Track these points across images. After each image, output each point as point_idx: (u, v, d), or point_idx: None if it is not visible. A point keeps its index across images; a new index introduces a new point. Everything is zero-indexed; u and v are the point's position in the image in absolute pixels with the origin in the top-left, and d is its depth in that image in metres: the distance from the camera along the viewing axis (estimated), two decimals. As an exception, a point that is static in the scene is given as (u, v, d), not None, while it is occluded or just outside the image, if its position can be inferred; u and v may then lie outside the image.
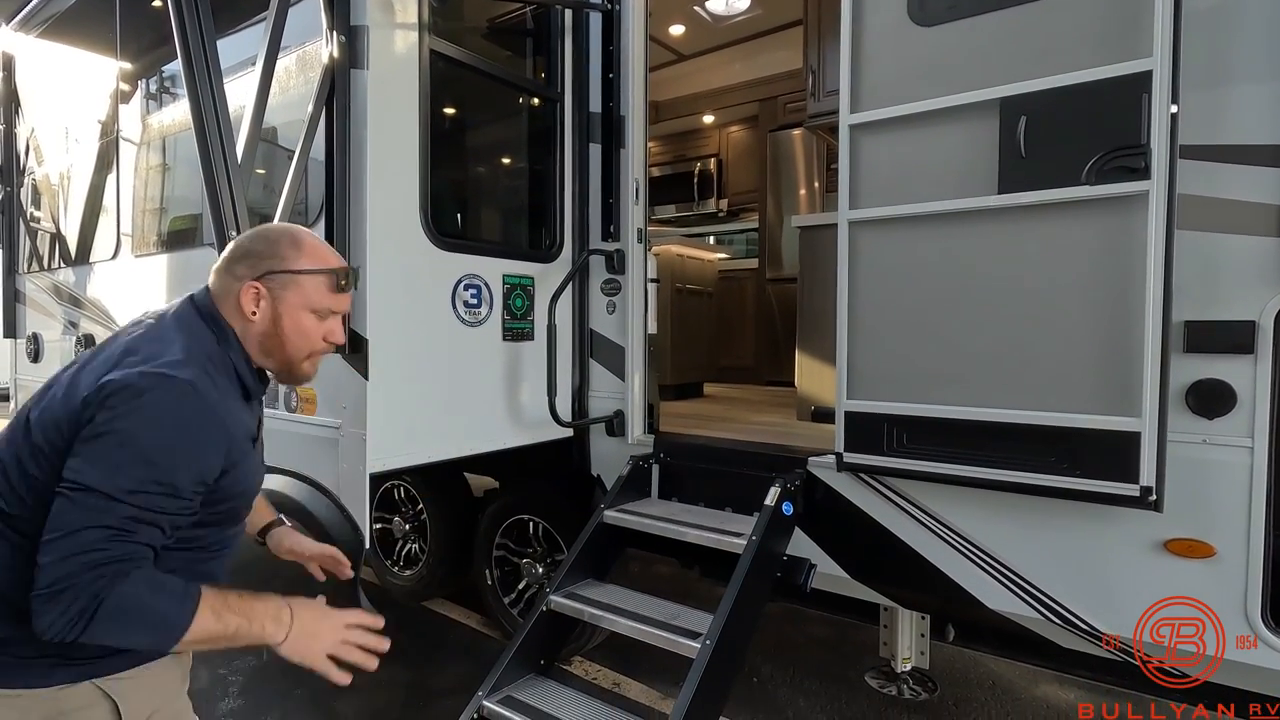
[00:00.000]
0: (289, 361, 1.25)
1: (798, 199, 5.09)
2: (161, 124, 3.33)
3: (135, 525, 1.00)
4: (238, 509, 1.23)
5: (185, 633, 1.01)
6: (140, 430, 1.02)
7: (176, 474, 1.04)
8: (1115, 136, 1.67)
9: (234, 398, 1.18)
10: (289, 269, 1.20)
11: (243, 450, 1.17)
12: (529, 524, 3.09)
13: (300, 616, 1.13)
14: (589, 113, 2.87)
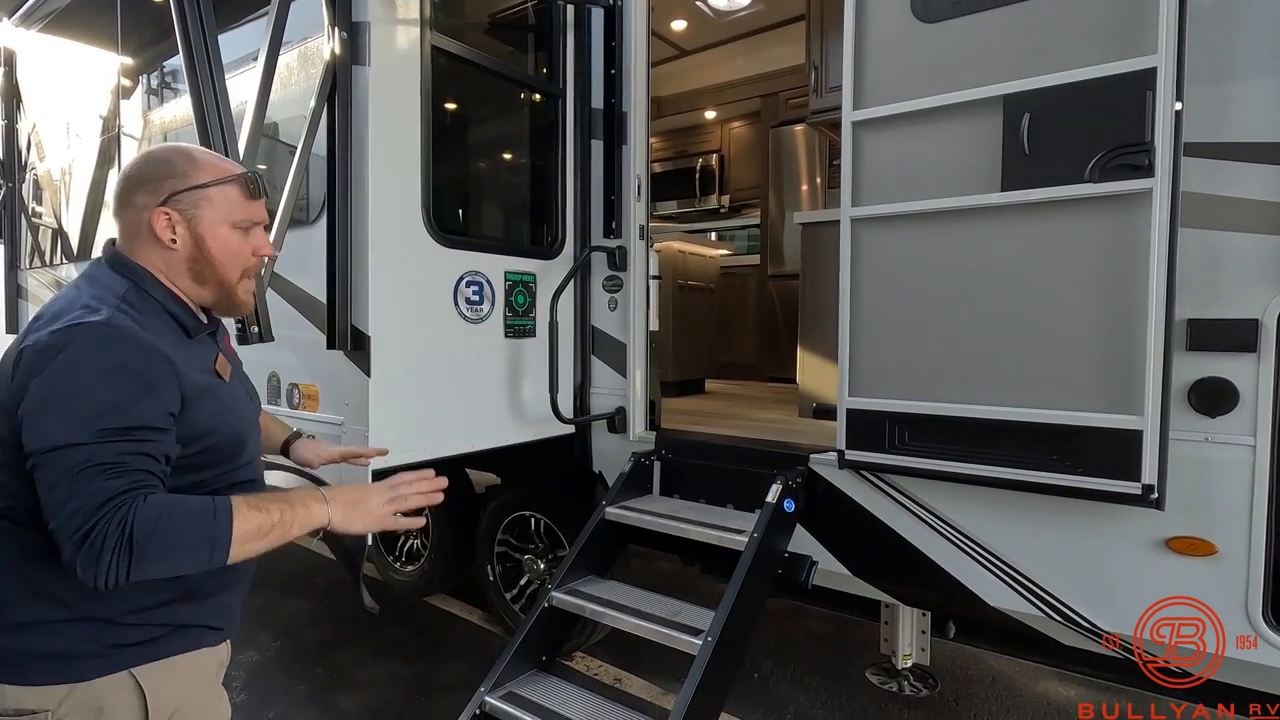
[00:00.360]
0: (224, 284, 1.17)
1: (800, 195, 5.08)
2: (163, 119, 3.33)
3: (123, 458, 0.96)
4: (221, 449, 1.15)
5: (231, 532, 0.97)
6: (76, 382, 0.97)
7: (135, 409, 0.98)
8: (1119, 134, 1.67)
9: (171, 336, 1.10)
10: (194, 184, 1.12)
11: (202, 382, 1.11)
12: (531, 520, 3.10)
13: (339, 494, 1.12)
14: (591, 108, 2.86)
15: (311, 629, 3.30)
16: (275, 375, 2.59)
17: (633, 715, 1.94)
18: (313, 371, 2.46)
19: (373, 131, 2.19)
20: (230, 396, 1.20)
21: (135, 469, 0.96)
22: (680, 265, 4.37)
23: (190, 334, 1.15)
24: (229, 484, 1.17)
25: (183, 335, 1.14)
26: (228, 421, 1.16)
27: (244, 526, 0.99)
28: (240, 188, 1.16)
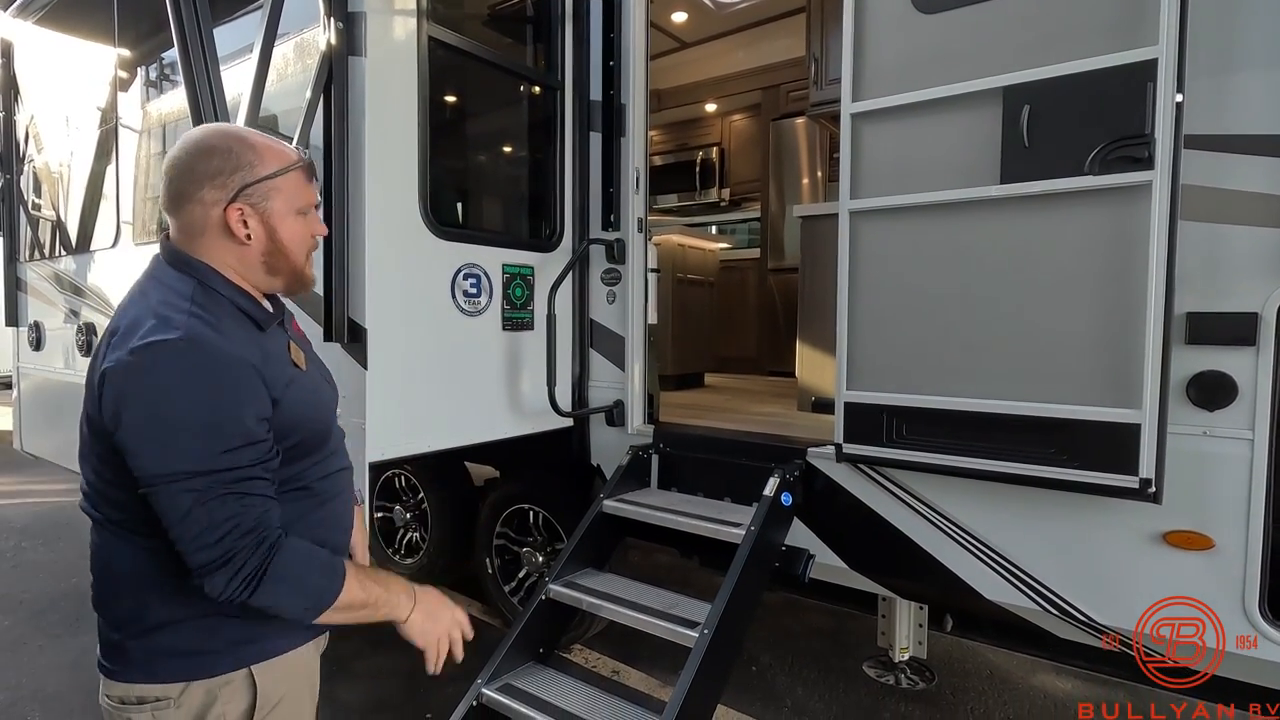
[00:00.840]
0: (295, 270, 1.16)
1: (800, 188, 5.07)
2: (160, 111, 3.32)
3: (241, 480, 0.99)
4: (309, 441, 1.16)
5: (335, 599, 1.04)
6: (171, 408, 0.97)
7: (235, 425, 1.00)
8: (1119, 126, 1.66)
9: (243, 332, 1.09)
10: (263, 175, 1.09)
11: (284, 378, 1.11)
12: (529, 513, 3.10)
13: (426, 598, 1.18)
14: (589, 101, 2.85)
15: (311, 621, 3.31)
16: (273, 368, 2.59)
17: (630, 707, 1.94)
18: (310, 364, 2.46)
19: (369, 123, 2.18)
20: (311, 386, 1.20)
21: (257, 493, 1.01)
22: (680, 259, 4.36)
23: (262, 327, 1.13)
24: (321, 475, 1.19)
25: (255, 329, 1.12)
26: (312, 412, 1.17)
27: (344, 600, 1.06)
28: (304, 173, 1.15)
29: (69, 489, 5.57)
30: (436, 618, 1.18)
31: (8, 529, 4.74)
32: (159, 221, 3.30)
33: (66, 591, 3.72)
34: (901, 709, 2.69)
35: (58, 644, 3.13)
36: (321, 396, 1.24)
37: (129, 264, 3.41)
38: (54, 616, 3.41)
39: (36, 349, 4.26)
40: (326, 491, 1.21)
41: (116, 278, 3.52)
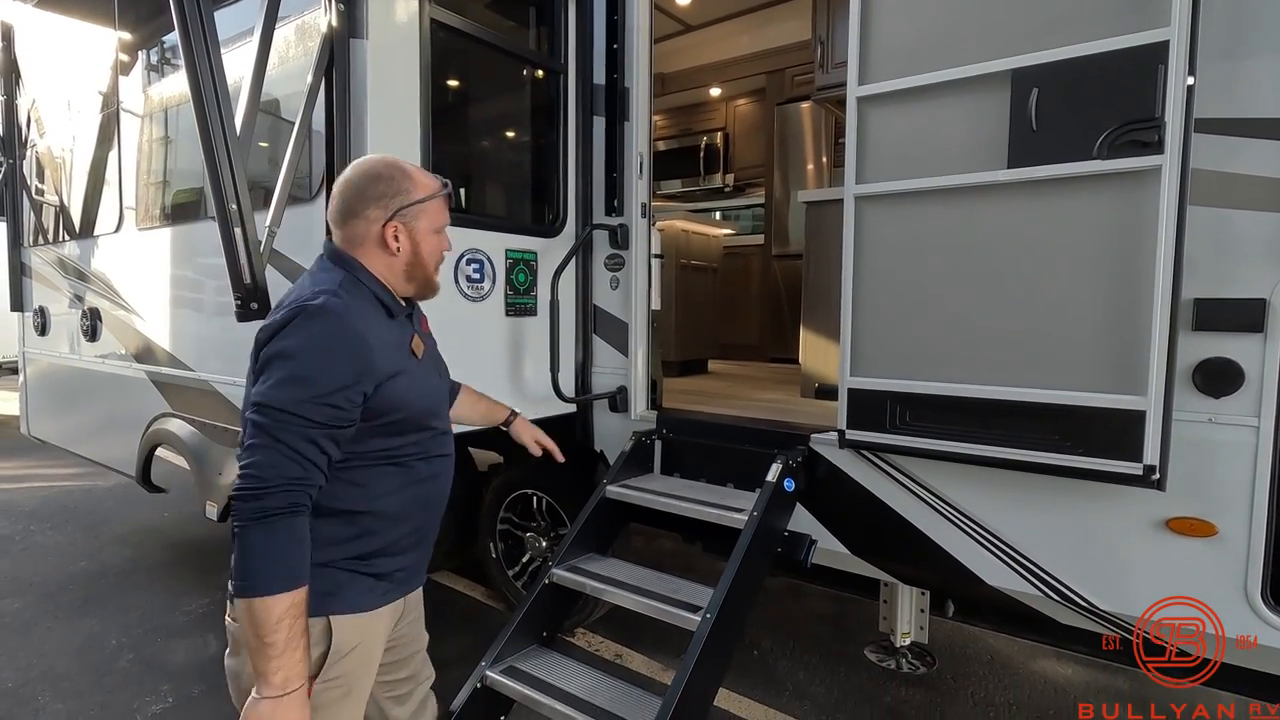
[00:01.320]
0: (428, 279, 1.41)
1: (805, 174, 5.03)
2: (162, 96, 3.30)
3: (299, 440, 1.16)
4: (410, 422, 1.34)
5: (254, 597, 1.11)
6: (290, 354, 1.19)
7: (327, 383, 1.18)
8: (1129, 109, 1.64)
9: (376, 316, 1.31)
10: (415, 200, 1.34)
11: (398, 362, 1.31)
12: (532, 499, 3.12)
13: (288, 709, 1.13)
14: (593, 84, 2.82)
15: (316, 604, 3.34)
16: (277, 353, 2.59)
17: (632, 689, 1.96)
18: (314, 349, 2.46)
19: (371, 106, 2.17)
20: (421, 375, 1.39)
21: (306, 455, 1.17)
22: (683, 245, 4.34)
23: (392, 315, 1.35)
24: (420, 455, 1.37)
25: (386, 316, 1.34)
26: (417, 399, 1.35)
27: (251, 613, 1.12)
28: (445, 201, 1.41)
29: (76, 473, 5.62)
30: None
31: (16, 513, 4.79)
32: (162, 206, 3.29)
33: (75, 575, 3.76)
34: (902, 693, 2.70)
35: (67, 626, 3.17)
36: (431, 386, 1.43)
37: (132, 249, 3.41)
38: (63, 599, 3.45)
39: (42, 334, 4.27)
40: (422, 471, 1.38)
41: (120, 263, 3.52)
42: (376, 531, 1.32)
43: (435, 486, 1.43)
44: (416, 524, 1.40)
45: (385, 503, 1.31)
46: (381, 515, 1.32)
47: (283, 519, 1.14)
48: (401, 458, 1.34)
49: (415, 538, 1.41)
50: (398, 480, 1.34)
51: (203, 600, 3.44)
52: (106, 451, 3.86)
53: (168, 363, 3.18)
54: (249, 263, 2.00)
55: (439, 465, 1.44)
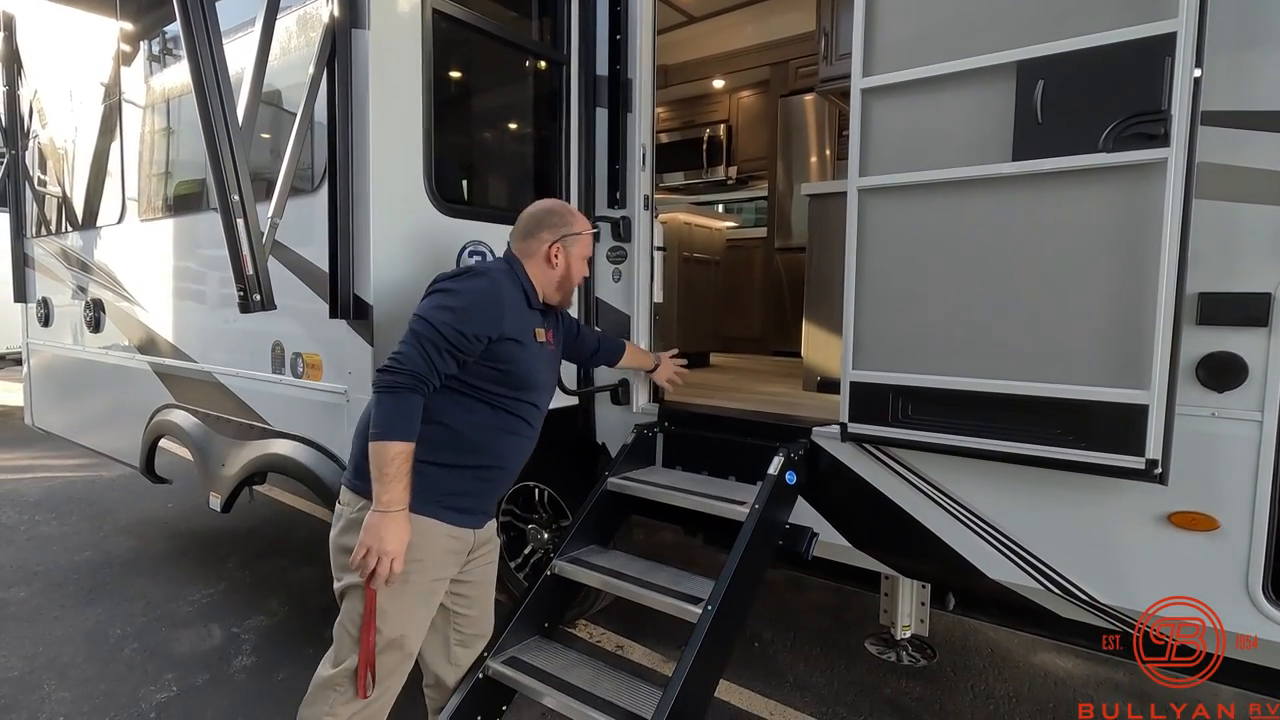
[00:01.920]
0: (568, 292, 1.95)
1: (808, 167, 5.01)
2: (164, 87, 3.30)
3: (433, 349, 1.61)
4: (512, 377, 1.75)
5: (380, 443, 1.56)
6: (453, 291, 1.71)
7: (466, 318, 1.65)
8: (1135, 102, 1.62)
9: (517, 298, 1.80)
10: (575, 232, 1.90)
11: (523, 333, 1.78)
12: (535, 491, 3.12)
13: (391, 520, 1.57)
14: (596, 76, 2.81)
15: (319, 595, 3.36)
16: (279, 344, 2.60)
17: (633, 681, 1.97)
18: (316, 341, 2.47)
19: (373, 97, 2.16)
20: (532, 354, 1.81)
21: (432, 358, 1.62)
22: (686, 237, 4.33)
23: (530, 303, 1.84)
24: (511, 409, 1.78)
25: (525, 303, 1.82)
26: (522, 363, 1.76)
27: (379, 453, 1.56)
28: (592, 238, 1.98)
29: (80, 464, 5.65)
30: (377, 534, 1.56)
31: (21, 503, 4.81)
32: (164, 197, 3.29)
33: (79, 564, 3.78)
34: (902, 685, 2.72)
35: (73, 615, 3.19)
36: (538, 368, 1.84)
37: (135, 240, 3.42)
38: (69, 588, 3.48)
39: (45, 325, 4.28)
40: (506, 423, 1.78)
41: (123, 254, 3.52)
42: (458, 450, 1.71)
43: (511, 441, 1.81)
44: (487, 462, 1.77)
45: (470, 430, 1.72)
46: (466, 439, 1.72)
47: (404, 391, 1.58)
48: (495, 402, 1.75)
49: (484, 475, 1.77)
50: (486, 419, 1.74)
51: (207, 590, 3.46)
52: (110, 442, 3.88)
53: (170, 354, 3.19)
54: (251, 254, 2.00)
55: (520, 427, 1.82)
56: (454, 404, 1.71)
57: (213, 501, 2.98)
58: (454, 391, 1.70)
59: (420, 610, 1.75)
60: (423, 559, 1.68)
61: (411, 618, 1.72)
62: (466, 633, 1.98)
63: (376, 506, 1.56)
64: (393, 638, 1.69)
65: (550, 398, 1.94)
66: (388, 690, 1.75)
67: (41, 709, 2.49)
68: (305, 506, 4.75)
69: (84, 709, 2.49)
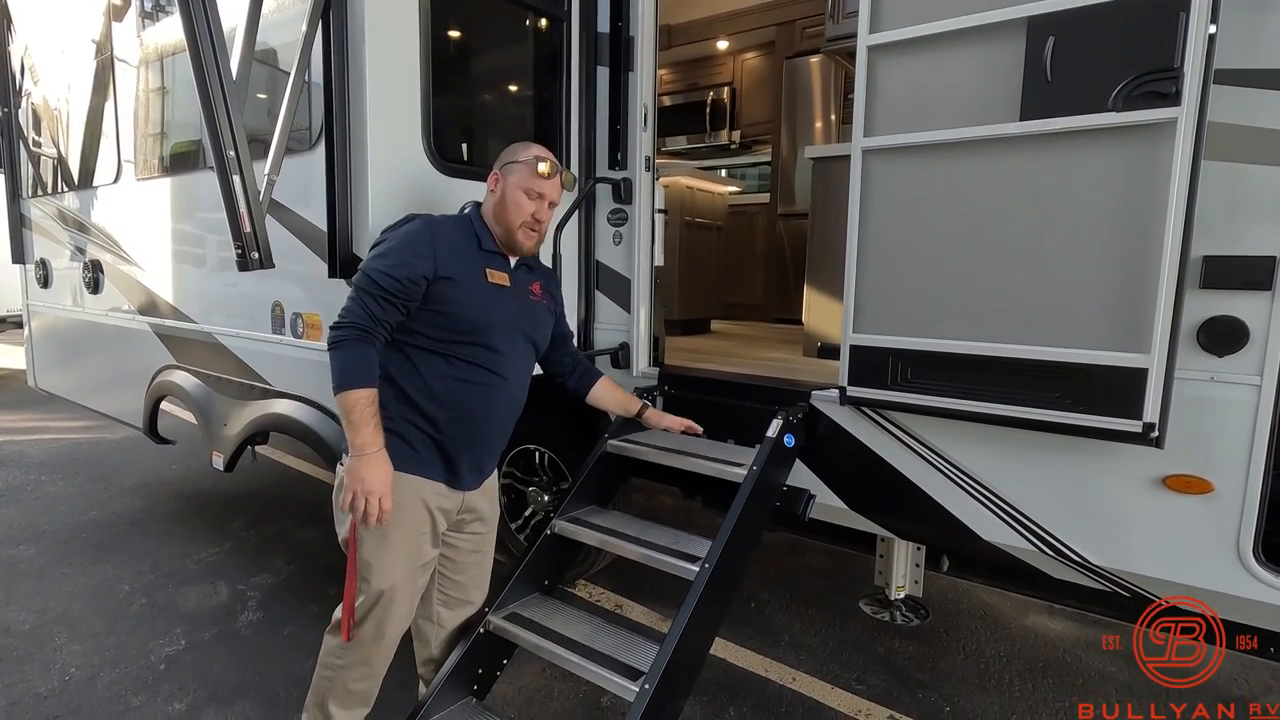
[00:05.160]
0: (508, 227, 1.81)
1: (813, 132, 4.94)
2: (158, 43, 3.23)
3: (371, 299, 1.63)
4: (458, 320, 1.71)
5: (342, 396, 1.60)
6: (384, 239, 1.77)
7: (395, 260, 1.66)
8: (1147, 59, 1.59)
9: (462, 238, 1.79)
10: (513, 160, 1.83)
11: (464, 273, 1.72)
12: (535, 454, 3.15)
13: (368, 463, 1.61)
14: (597, 33, 2.75)
15: (323, 554, 3.42)
16: (279, 305, 2.59)
17: (632, 636, 2.01)
18: (315, 301, 2.46)
19: (370, 54, 2.12)
20: (475, 295, 1.74)
21: (376, 314, 1.63)
22: (688, 202, 4.28)
23: (481, 246, 1.80)
24: (466, 358, 1.74)
25: (474, 244, 1.80)
26: (463, 306, 1.71)
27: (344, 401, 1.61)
28: (530, 167, 1.80)
29: (85, 425, 5.69)
30: (358, 475, 1.60)
31: (27, 464, 4.86)
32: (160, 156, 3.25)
33: (86, 523, 3.83)
34: (895, 645, 2.77)
35: (81, 572, 3.25)
36: (493, 305, 1.77)
37: (132, 200, 3.38)
38: (76, 546, 3.53)
39: (44, 286, 4.27)
40: (466, 374, 1.74)
41: (120, 214, 3.50)
42: (416, 407, 1.71)
43: (476, 393, 1.76)
44: (451, 417, 1.74)
45: (425, 383, 1.71)
46: (422, 392, 1.71)
47: (351, 343, 1.61)
48: (448, 352, 1.72)
49: (451, 430, 1.75)
50: (441, 370, 1.72)
51: (212, 549, 3.51)
52: (113, 404, 3.90)
53: (171, 315, 3.19)
54: (248, 211, 1.98)
55: (485, 378, 1.77)
56: (410, 359, 1.72)
57: (215, 461, 3.01)
58: (410, 347, 1.71)
59: (404, 563, 1.76)
60: (400, 513, 1.69)
61: (397, 569, 1.75)
62: (451, 595, 2.00)
63: (352, 452, 1.61)
64: (381, 589, 1.73)
65: (524, 344, 1.87)
66: (383, 639, 1.80)
67: (54, 660, 2.55)
68: (308, 469, 4.80)
69: (95, 661, 2.55)
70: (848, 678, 2.55)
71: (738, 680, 2.53)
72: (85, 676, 2.46)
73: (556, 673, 2.45)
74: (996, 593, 3.14)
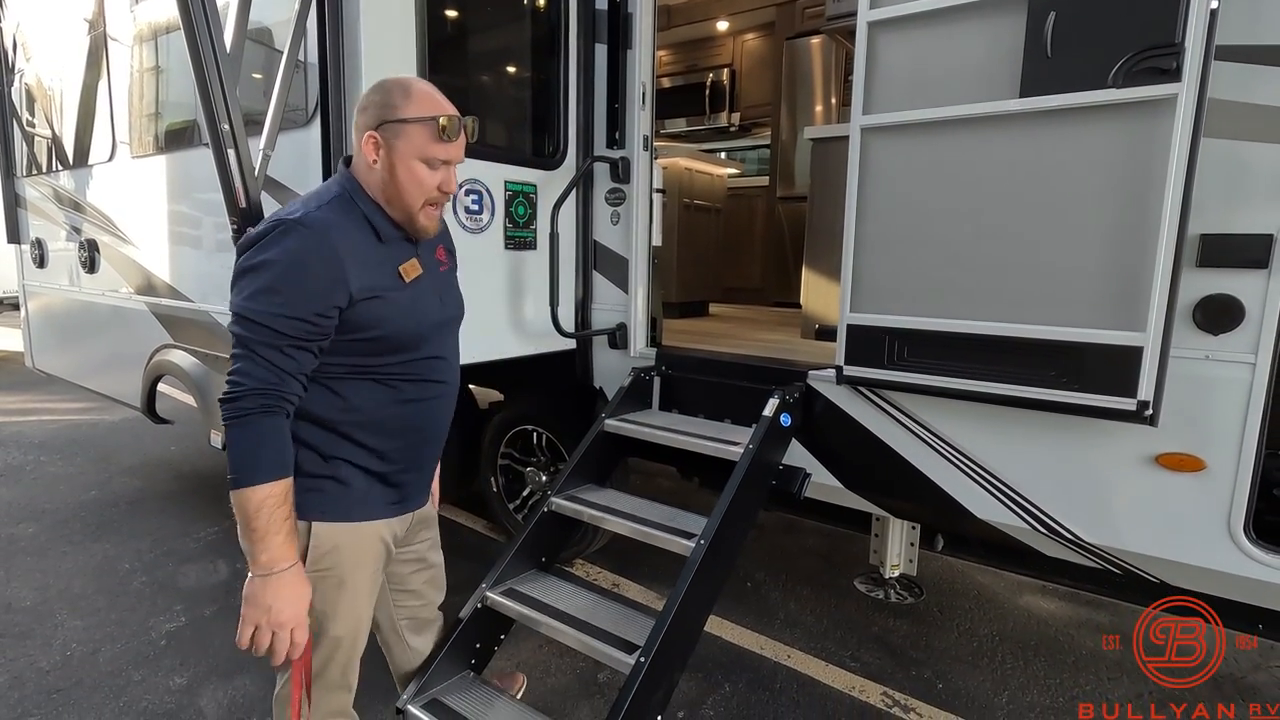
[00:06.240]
0: (407, 210, 1.34)
1: (813, 114, 4.90)
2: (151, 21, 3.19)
3: (272, 351, 1.21)
4: (391, 340, 1.34)
5: (241, 489, 1.20)
6: (264, 266, 1.22)
7: (297, 298, 1.21)
8: (1148, 34, 1.58)
9: (361, 236, 1.31)
10: (398, 118, 1.29)
11: (382, 281, 1.31)
12: (533, 434, 3.16)
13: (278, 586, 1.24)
14: (595, 9, 2.72)
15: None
16: (276, 284, 2.58)
17: (628, 612, 2.02)
18: (313, 280, 2.45)
19: (365, 29, 2.10)
20: (409, 298, 1.36)
21: (286, 369, 1.23)
22: (686, 183, 4.27)
23: (381, 238, 1.33)
24: (406, 376, 1.38)
25: (375, 238, 1.33)
26: (398, 318, 1.34)
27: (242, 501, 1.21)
28: (432, 129, 1.29)
29: (83, 406, 5.69)
30: (262, 604, 1.23)
31: (26, 444, 4.87)
32: (155, 134, 3.23)
33: (86, 503, 3.85)
34: (890, 623, 2.80)
35: (81, 550, 3.27)
36: (422, 312, 1.39)
37: (127, 178, 3.36)
38: (76, 525, 3.55)
39: (40, 266, 4.26)
40: (409, 393, 1.40)
41: (115, 192, 3.47)
42: (357, 443, 1.36)
43: (423, 411, 1.44)
44: (400, 444, 1.42)
45: (364, 416, 1.36)
46: (361, 426, 1.36)
47: (254, 418, 1.21)
48: (383, 375, 1.36)
49: (400, 458, 1.43)
50: (380, 397, 1.37)
51: (212, 528, 3.53)
52: (111, 384, 3.90)
53: (167, 294, 3.18)
54: (244, 186, 1.97)
55: (431, 390, 1.44)
56: (328, 392, 1.33)
57: (214, 439, 3.02)
58: (332, 379, 1.33)
59: (363, 602, 1.48)
60: (356, 560, 1.42)
61: (356, 611, 1.47)
62: (421, 618, 1.79)
63: (255, 571, 1.23)
64: (340, 635, 1.45)
65: (454, 330, 1.54)
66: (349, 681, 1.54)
67: (55, 636, 2.57)
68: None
69: (96, 636, 2.57)
70: (842, 655, 2.57)
71: (733, 657, 2.55)
72: (87, 651, 2.48)
73: (554, 648, 2.48)
74: (990, 572, 3.17)
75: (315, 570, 1.35)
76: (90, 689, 2.28)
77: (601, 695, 2.31)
